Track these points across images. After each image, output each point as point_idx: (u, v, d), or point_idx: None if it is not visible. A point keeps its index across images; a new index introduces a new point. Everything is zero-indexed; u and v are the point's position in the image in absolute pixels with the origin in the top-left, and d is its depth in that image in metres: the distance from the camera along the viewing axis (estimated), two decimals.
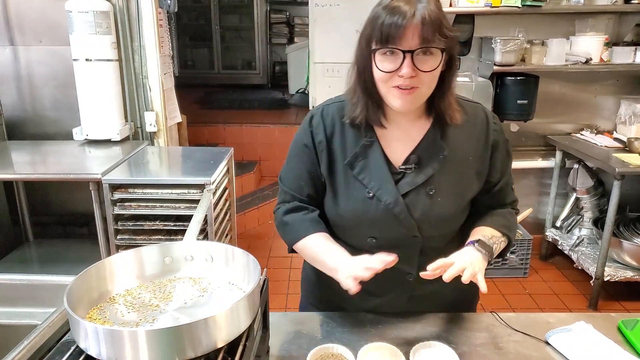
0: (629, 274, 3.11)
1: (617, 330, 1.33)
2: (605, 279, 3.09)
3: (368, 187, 1.22)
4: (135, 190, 2.69)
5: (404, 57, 1.08)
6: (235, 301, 0.92)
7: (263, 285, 1.14)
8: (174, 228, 2.75)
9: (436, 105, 1.21)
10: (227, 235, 3.17)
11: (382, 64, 1.12)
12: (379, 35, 1.09)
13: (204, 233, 2.77)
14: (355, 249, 1.33)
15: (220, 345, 0.91)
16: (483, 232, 1.28)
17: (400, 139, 1.25)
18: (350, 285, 1.13)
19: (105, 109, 3.01)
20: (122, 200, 2.70)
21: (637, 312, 3.42)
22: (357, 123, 1.23)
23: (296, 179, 1.31)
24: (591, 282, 3.16)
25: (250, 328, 0.98)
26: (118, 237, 2.78)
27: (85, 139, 3.07)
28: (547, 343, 1.27)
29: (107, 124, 3.03)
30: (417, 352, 1.21)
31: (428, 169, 1.21)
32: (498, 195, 1.35)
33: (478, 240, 1.23)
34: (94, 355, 0.88)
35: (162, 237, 2.76)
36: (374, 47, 1.11)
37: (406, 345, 1.25)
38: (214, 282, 1.11)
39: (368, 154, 1.24)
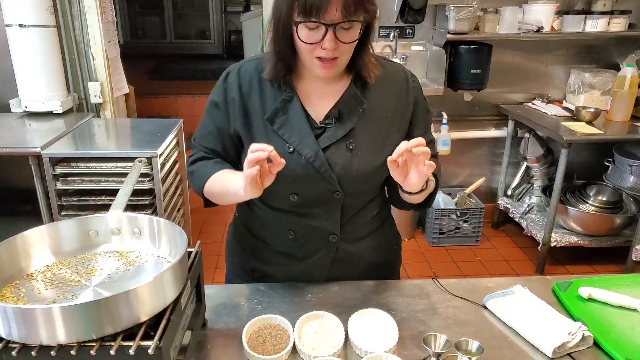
0: (573, 239, 3.23)
1: (552, 293, 1.36)
2: (552, 245, 3.20)
3: (288, 141, 1.20)
4: (79, 164, 2.58)
5: (327, 31, 1.06)
6: (159, 273, 0.88)
7: (195, 257, 1.11)
8: None
9: (356, 64, 1.21)
10: (179, 210, 3.10)
11: (304, 36, 1.09)
12: (303, 6, 1.04)
13: (152, 208, 2.69)
14: (276, 210, 1.30)
15: (143, 319, 0.87)
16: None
17: (321, 95, 1.24)
18: (251, 171, 1.03)
19: (44, 79, 2.84)
20: (65, 175, 2.59)
21: (579, 274, 3.59)
22: (274, 79, 1.22)
23: (206, 136, 1.29)
24: (539, 247, 3.26)
25: (176, 302, 0.94)
26: (62, 213, 2.67)
27: (25, 111, 2.91)
28: (485, 307, 1.28)
29: (47, 95, 2.87)
30: (355, 319, 1.21)
31: (348, 123, 1.21)
32: None
33: None
34: (4, 336, 0.83)
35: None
36: (296, 18, 1.08)
37: (344, 314, 1.24)
38: (142, 255, 1.06)
39: (288, 109, 1.22)
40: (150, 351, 0.80)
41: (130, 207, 2.69)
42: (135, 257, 1.05)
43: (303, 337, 1.15)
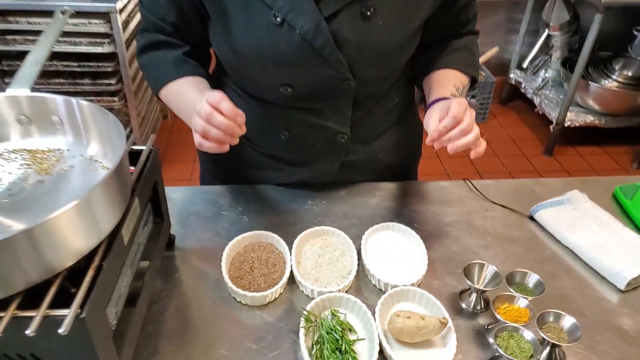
0: (589, 119, 2.93)
1: (612, 199, 1.08)
2: (566, 125, 2.91)
3: (274, 7, 0.80)
4: (18, 18, 2.10)
5: None
6: (90, 188, 0.55)
7: (148, 159, 0.77)
8: (78, 70, 2.24)
9: None
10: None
11: None
12: None
13: (117, 77, 2.27)
14: (264, 103, 0.95)
15: (59, 270, 0.56)
16: (448, 80, 0.93)
17: None
18: (197, 139, 0.77)
19: None
20: (3, 32, 2.13)
21: (590, 156, 3.38)
22: None
23: (158, 1, 0.88)
24: (551, 127, 2.97)
25: (115, 233, 0.63)
26: (5, 79, 2.26)
27: None
28: (532, 219, 1.01)
29: None
30: (370, 237, 0.92)
31: None
32: (462, 12, 0.95)
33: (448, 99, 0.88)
34: None
35: (65, 81, 2.26)
36: None
37: (355, 228, 0.96)
38: (66, 157, 0.72)
39: None
40: (62, 329, 0.50)
41: (90, 75, 2.27)
42: (55, 159, 0.71)
43: (303, 263, 0.87)
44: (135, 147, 0.80)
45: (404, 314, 0.74)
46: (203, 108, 0.74)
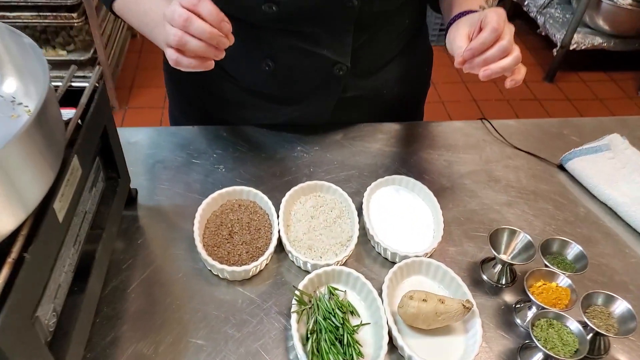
0: (597, 41, 2.72)
1: None
2: (571, 47, 2.70)
3: None
4: None
5: None
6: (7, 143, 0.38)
7: (91, 99, 0.59)
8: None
9: None
10: None
11: None
12: None
13: (79, 10, 1.97)
14: (245, 26, 0.75)
15: None
16: None
17: None
18: (170, 55, 0.59)
19: None
20: None
21: (594, 83, 3.20)
22: None
23: None
24: (554, 50, 2.76)
25: (44, 210, 0.46)
26: None
27: None
28: (562, 168, 0.86)
29: None
30: (373, 194, 0.77)
31: None
32: None
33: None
34: None
35: None
36: None
37: (355, 181, 0.80)
38: None
39: None
40: None
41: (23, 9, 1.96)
42: None
43: (293, 227, 0.72)
44: (74, 84, 0.61)
45: (418, 296, 0.60)
46: (177, 12, 0.55)
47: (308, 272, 0.67)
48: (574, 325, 0.57)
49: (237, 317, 0.63)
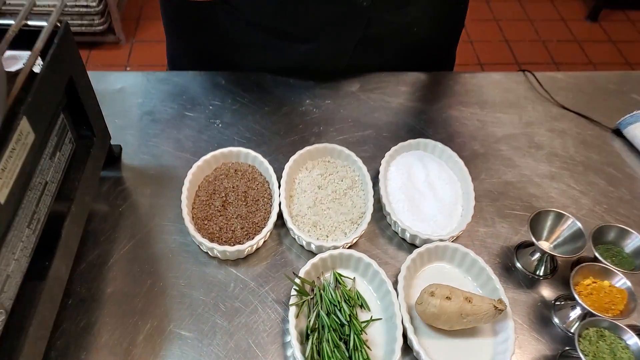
0: None
1: None
2: None
3: None
4: None
5: None
6: None
7: (49, 44, 0.48)
8: None
9: None
10: None
11: None
12: None
13: None
14: None
15: None
16: None
17: None
18: None
19: None
20: None
21: None
22: None
23: None
24: None
25: None
26: None
27: None
28: (619, 133, 0.73)
29: None
30: (393, 160, 0.66)
31: None
32: None
33: None
34: None
35: None
36: None
37: (371, 145, 0.69)
38: None
39: None
40: None
41: None
42: None
43: (297, 199, 0.61)
44: (30, 23, 0.50)
45: (441, 292, 0.51)
46: None
47: (312, 253, 0.58)
48: (632, 340, 0.47)
49: (227, 304, 0.54)
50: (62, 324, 0.52)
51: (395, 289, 0.53)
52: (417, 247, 0.58)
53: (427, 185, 0.63)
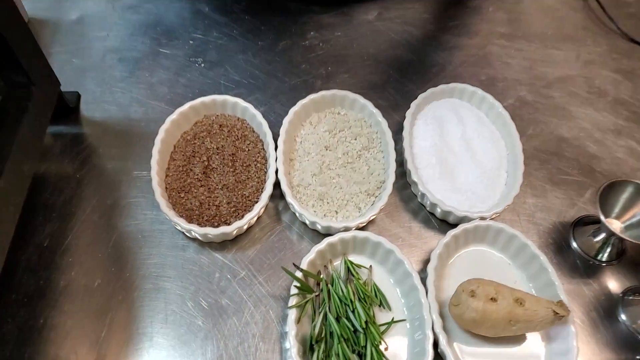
0: None
1: None
2: None
3: None
4: None
5: None
6: None
7: None
8: None
9: None
10: None
11: None
12: None
13: None
14: None
15: None
16: None
17: None
18: None
19: None
20: None
21: None
22: None
23: None
24: None
25: None
26: None
27: None
28: None
29: None
30: (421, 112, 0.52)
31: None
32: None
33: None
34: None
35: None
36: None
37: (392, 91, 0.55)
38: None
39: None
40: None
41: None
42: None
43: (298, 165, 0.48)
44: None
45: (484, 292, 0.39)
46: None
47: (317, 233, 0.46)
48: None
49: (211, 300, 0.43)
50: (2, 327, 0.42)
51: (424, 283, 0.42)
52: (449, 224, 0.46)
53: (464, 145, 0.50)
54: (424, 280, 0.42)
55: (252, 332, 0.42)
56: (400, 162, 0.49)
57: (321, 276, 0.43)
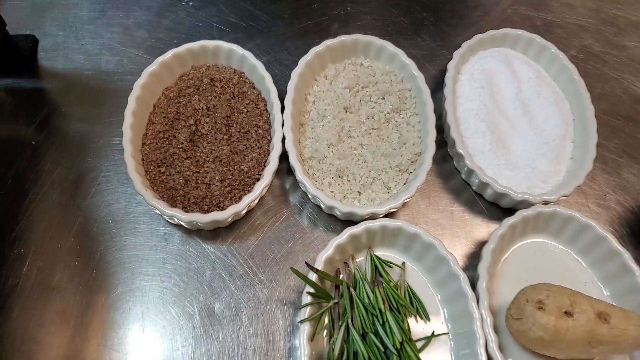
0: None
1: None
2: None
3: None
4: None
5: None
6: None
7: None
8: None
9: None
10: None
11: None
12: None
13: None
14: None
15: None
16: None
17: None
18: None
19: None
20: None
21: None
22: None
23: None
24: None
25: None
26: None
27: None
28: None
29: None
30: (464, 65, 0.42)
31: None
32: None
33: None
34: None
35: None
36: None
37: (427, 38, 0.44)
38: None
39: None
40: None
41: None
42: None
43: (310, 132, 0.38)
44: None
45: (555, 299, 0.30)
46: None
47: (335, 219, 0.36)
48: None
49: (200, 305, 0.34)
50: None
51: (473, 286, 0.32)
52: (499, 207, 0.37)
53: (520, 107, 0.39)
54: (472, 283, 0.33)
55: (252, 347, 0.33)
56: (440, 129, 0.39)
57: (341, 277, 0.34)
